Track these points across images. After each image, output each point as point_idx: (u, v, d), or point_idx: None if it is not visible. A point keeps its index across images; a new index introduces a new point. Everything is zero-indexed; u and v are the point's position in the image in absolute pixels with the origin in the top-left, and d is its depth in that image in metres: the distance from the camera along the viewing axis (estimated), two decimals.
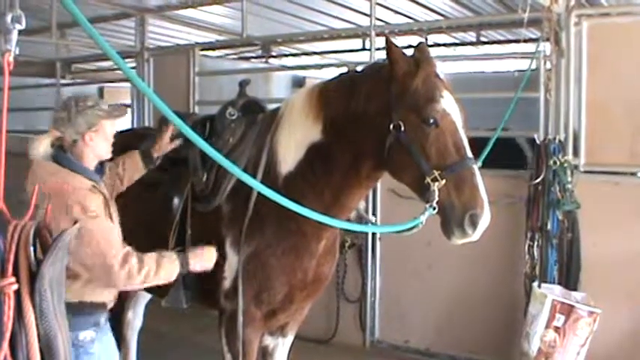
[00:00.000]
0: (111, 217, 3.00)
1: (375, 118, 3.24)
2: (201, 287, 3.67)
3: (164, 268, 2.99)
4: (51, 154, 2.94)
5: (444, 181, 3.03)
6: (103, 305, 3.06)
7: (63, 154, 2.95)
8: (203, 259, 3.21)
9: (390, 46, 3.22)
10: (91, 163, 3.03)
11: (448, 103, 3.16)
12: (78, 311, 2.86)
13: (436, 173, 3.03)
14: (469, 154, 3.12)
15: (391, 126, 3.15)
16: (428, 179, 3.04)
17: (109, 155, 3.14)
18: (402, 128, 3.12)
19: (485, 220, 3.02)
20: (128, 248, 2.92)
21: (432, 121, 3.09)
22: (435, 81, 3.21)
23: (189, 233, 3.72)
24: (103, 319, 3.07)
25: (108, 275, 2.84)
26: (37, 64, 10.35)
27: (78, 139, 2.95)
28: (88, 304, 2.97)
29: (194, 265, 3.16)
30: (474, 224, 3.02)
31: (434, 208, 3.04)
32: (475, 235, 3.06)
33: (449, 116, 3.14)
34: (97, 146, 3.00)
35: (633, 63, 5.17)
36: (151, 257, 2.96)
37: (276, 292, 3.61)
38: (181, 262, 3.09)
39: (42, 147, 2.91)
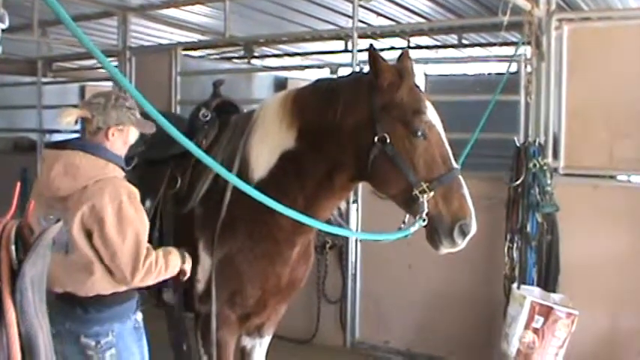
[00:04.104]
0: None
1: (356, 129, 3.19)
2: None
3: (172, 263, 3.01)
4: (77, 142, 2.96)
5: (432, 193, 3.02)
6: None
7: (99, 145, 2.94)
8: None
9: (375, 58, 3.16)
10: None
11: (432, 115, 3.16)
12: (131, 296, 3.01)
13: (424, 185, 3.02)
14: (455, 164, 3.14)
15: (376, 138, 3.11)
16: (416, 191, 3.03)
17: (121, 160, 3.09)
18: (388, 140, 3.09)
19: (473, 229, 3.06)
20: (148, 244, 2.95)
21: (419, 132, 3.08)
22: (417, 92, 3.21)
23: (157, 236, 3.63)
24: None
25: (133, 265, 2.85)
26: (17, 61, 10.25)
27: (102, 129, 2.94)
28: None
29: (189, 263, 3.18)
30: (463, 234, 3.04)
31: (424, 220, 3.03)
32: (462, 245, 3.08)
33: (434, 127, 3.14)
34: (115, 144, 2.98)
35: (613, 67, 5.22)
36: (159, 252, 2.98)
37: (249, 296, 3.57)
38: (182, 257, 3.12)
39: (69, 119, 2.89)
